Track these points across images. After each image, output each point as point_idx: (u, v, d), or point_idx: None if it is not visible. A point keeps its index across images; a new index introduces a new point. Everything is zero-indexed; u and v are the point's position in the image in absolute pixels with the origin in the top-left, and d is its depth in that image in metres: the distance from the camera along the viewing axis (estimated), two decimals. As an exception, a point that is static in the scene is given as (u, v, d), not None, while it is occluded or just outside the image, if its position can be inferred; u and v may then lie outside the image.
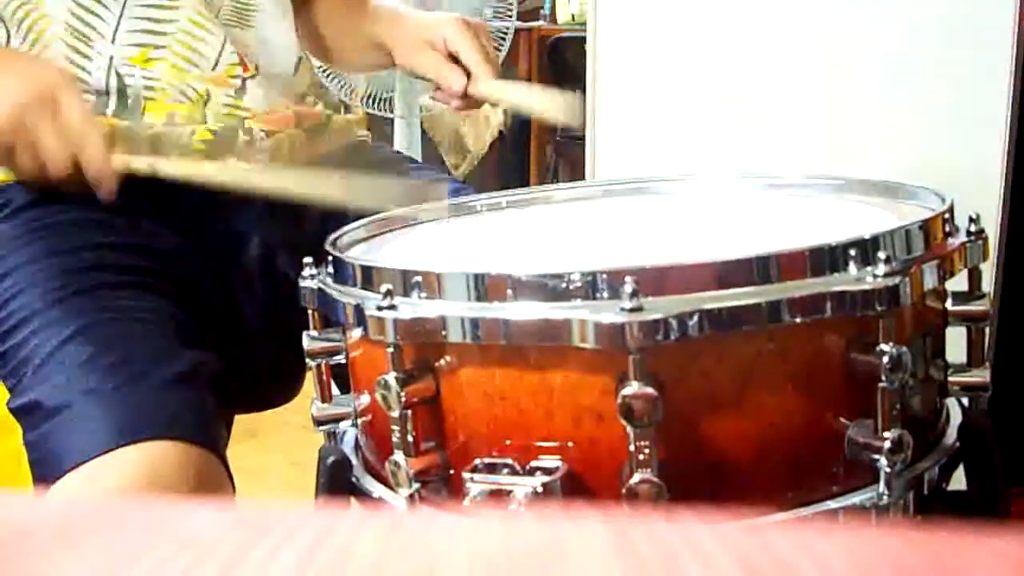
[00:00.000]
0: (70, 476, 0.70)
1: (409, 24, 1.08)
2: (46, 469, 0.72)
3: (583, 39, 1.48)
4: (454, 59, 1.02)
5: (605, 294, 0.54)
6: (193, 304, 0.88)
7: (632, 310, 0.51)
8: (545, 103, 1.02)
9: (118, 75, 0.91)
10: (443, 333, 0.56)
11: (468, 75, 1.01)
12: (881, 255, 0.55)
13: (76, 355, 0.76)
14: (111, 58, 0.90)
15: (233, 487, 0.78)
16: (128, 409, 0.73)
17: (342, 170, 1.00)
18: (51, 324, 0.79)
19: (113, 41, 0.91)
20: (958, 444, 0.65)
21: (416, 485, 0.59)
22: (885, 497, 0.57)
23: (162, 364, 0.76)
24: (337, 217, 0.82)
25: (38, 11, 0.90)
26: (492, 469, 0.57)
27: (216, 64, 0.94)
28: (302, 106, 1.02)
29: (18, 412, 0.77)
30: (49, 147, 0.80)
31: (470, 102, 1.03)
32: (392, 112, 2.51)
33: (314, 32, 1.15)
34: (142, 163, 0.85)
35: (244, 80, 0.96)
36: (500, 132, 3.34)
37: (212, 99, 0.93)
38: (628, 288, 0.51)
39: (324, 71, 2.12)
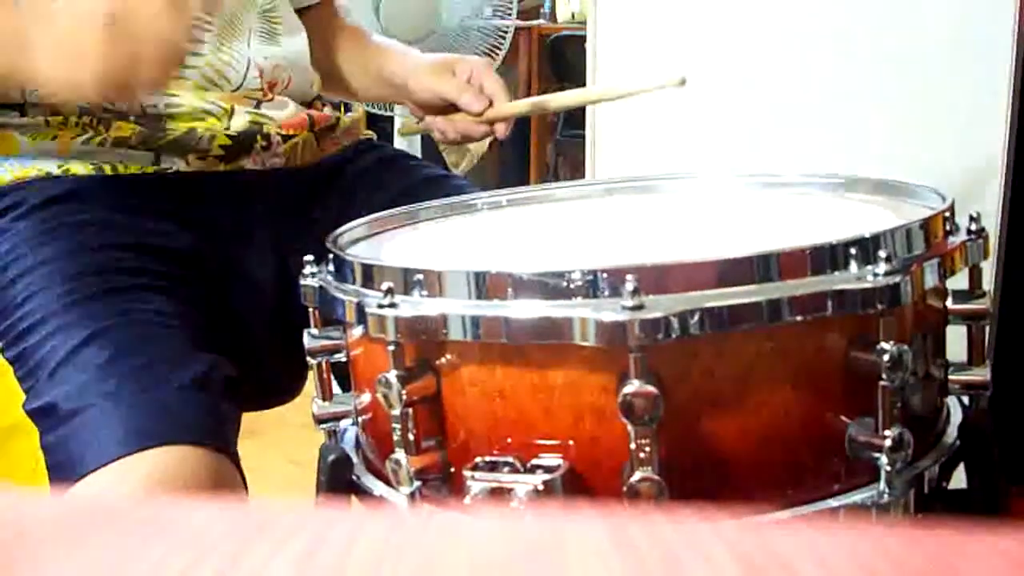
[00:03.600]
0: (89, 479, 0.70)
1: (424, 57, 1.11)
2: (64, 473, 0.72)
3: (583, 37, 1.48)
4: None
5: (606, 292, 0.54)
6: (207, 305, 0.88)
7: (633, 308, 0.51)
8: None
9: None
10: (444, 331, 0.56)
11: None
12: (882, 254, 0.55)
13: (94, 358, 0.76)
14: None
15: (246, 490, 0.77)
16: (147, 413, 0.72)
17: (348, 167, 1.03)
18: (67, 327, 0.78)
19: None
20: (958, 443, 0.65)
21: (417, 483, 0.59)
22: (885, 495, 0.57)
23: (180, 367, 0.76)
24: (349, 219, 0.81)
25: None
26: (493, 467, 0.57)
27: (239, 87, 0.95)
28: (314, 109, 1.03)
29: (35, 414, 0.77)
30: (161, 30, 0.71)
31: (475, 129, 1.05)
32: (392, 111, 2.51)
33: (332, 66, 1.16)
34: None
35: (260, 103, 0.96)
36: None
37: (235, 113, 0.93)
38: (629, 286, 0.51)
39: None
